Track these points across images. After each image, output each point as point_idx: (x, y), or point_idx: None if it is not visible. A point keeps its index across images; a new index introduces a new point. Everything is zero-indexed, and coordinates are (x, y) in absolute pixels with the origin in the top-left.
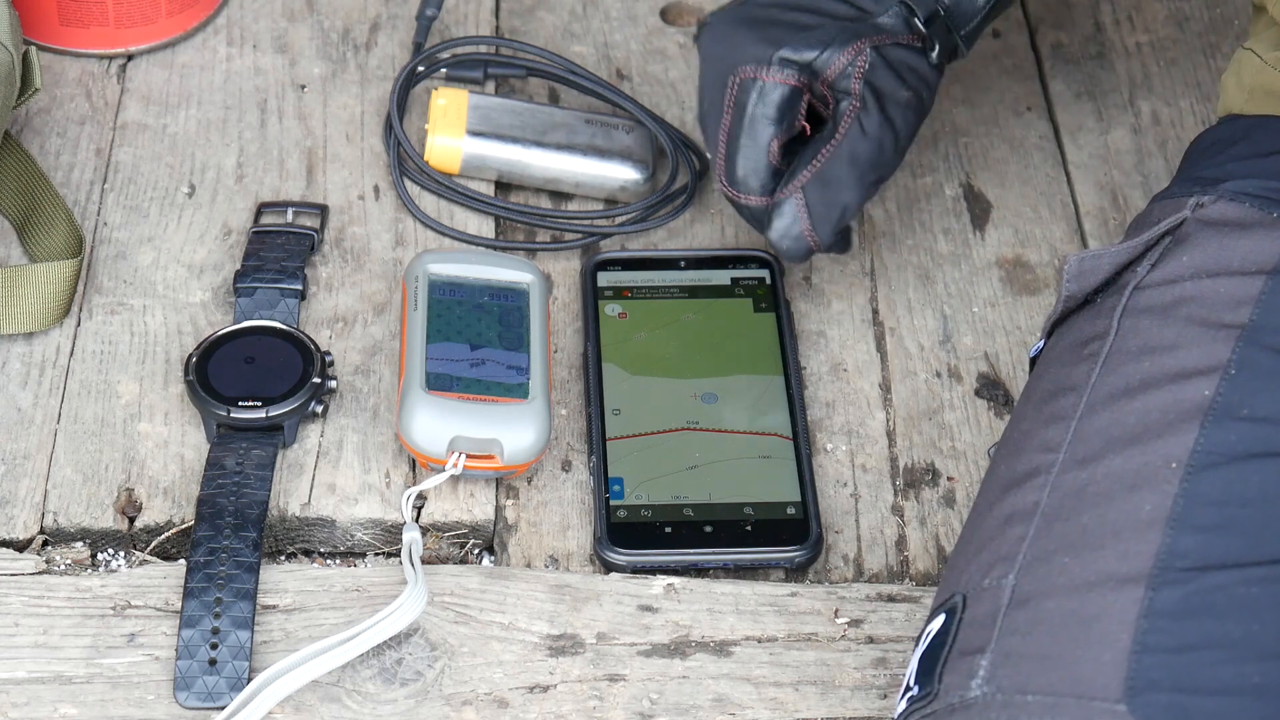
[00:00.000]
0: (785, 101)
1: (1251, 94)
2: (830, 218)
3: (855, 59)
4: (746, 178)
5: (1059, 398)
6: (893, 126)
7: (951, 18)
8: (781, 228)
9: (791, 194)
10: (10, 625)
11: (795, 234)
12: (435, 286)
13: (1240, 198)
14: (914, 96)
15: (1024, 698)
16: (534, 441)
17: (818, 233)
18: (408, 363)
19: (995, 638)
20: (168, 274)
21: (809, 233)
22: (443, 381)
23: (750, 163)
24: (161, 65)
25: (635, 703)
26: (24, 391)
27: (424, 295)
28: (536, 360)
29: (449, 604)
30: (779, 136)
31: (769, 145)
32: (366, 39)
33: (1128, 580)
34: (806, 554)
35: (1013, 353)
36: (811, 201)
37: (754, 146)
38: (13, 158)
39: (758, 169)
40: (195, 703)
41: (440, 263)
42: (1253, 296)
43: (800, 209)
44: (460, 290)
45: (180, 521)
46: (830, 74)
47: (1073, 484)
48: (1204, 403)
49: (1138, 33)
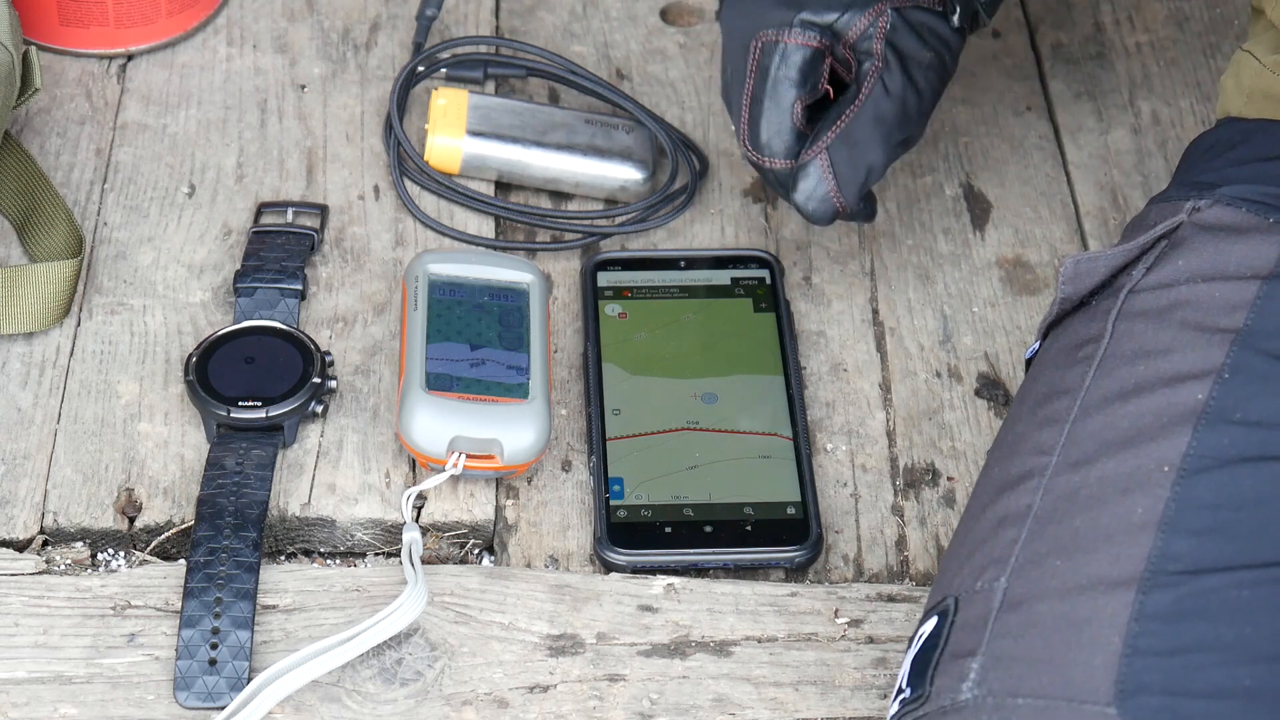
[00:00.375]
0: (807, 63)
1: (1250, 97)
2: (856, 179)
3: (876, 20)
4: (770, 141)
5: (1053, 400)
6: (915, 87)
7: None
8: (807, 189)
9: (816, 155)
10: (10, 625)
11: (821, 195)
12: (435, 286)
13: (1237, 202)
14: (936, 58)
15: (1015, 701)
16: (534, 442)
17: (843, 194)
18: (408, 362)
19: (987, 640)
20: (168, 274)
21: (835, 194)
22: (443, 381)
23: (774, 125)
24: (161, 65)
25: (635, 703)
26: (24, 391)
27: (424, 295)
28: (536, 360)
29: (449, 604)
30: (802, 98)
31: (792, 107)
32: (366, 39)
33: (1119, 583)
34: (806, 554)
35: (1013, 353)
36: (837, 162)
37: (777, 109)
38: (13, 158)
39: (781, 131)
40: (195, 703)
41: (440, 263)
42: (1248, 301)
43: (825, 170)
44: (460, 290)
45: (180, 521)
46: (852, 35)
47: (1066, 487)
48: (1197, 406)
49: (1138, 33)
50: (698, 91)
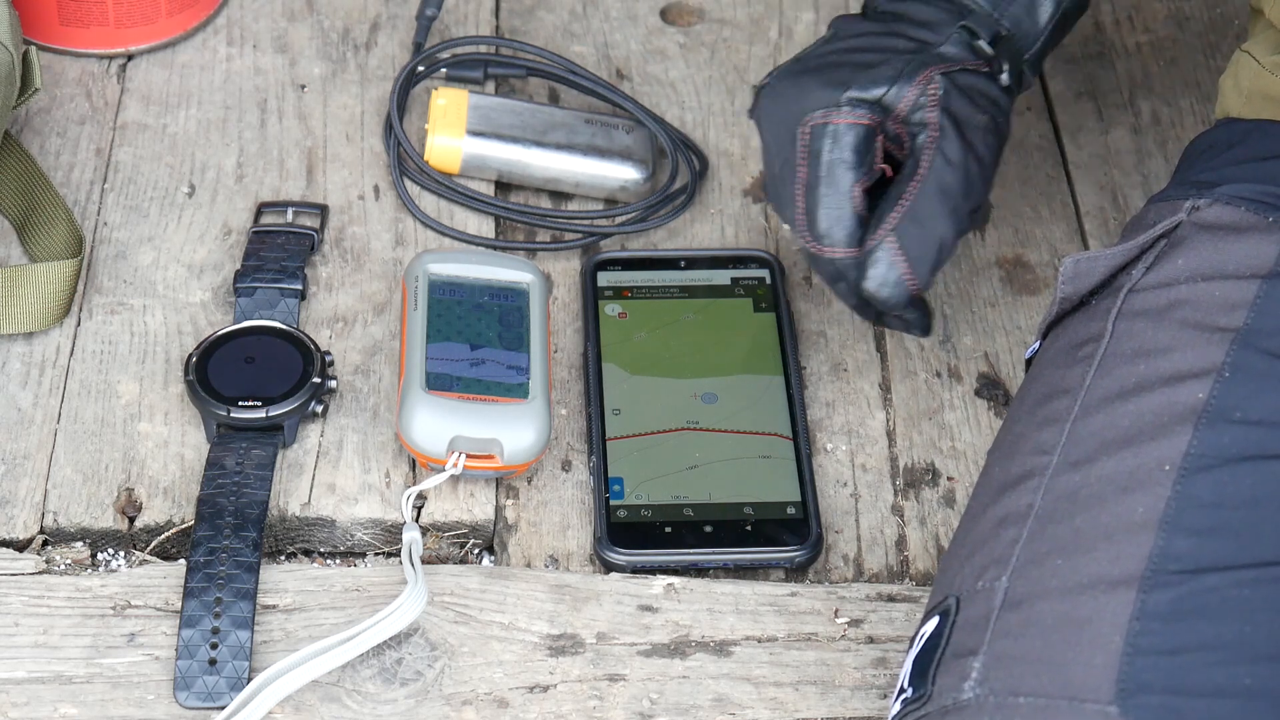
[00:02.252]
0: (861, 142)
1: (1249, 98)
2: (928, 256)
3: (926, 88)
4: (831, 229)
5: (1053, 400)
6: (975, 153)
7: (1014, 40)
8: (879, 276)
9: (883, 238)
10: (10, 625)
11: (894, 280)
12: (435, 286)
13: (1236, 201)
14: (990, 120)
15: (1016, 700)
16: (534, 441)
17: (917, 274)
18: (407, 362)
19: (988, 640)
20: (168, 274)
21: (908, 276)
22: (443, 381)
23: (834, 212)
24: (161, 65)
25: (635, 703)
26: (24, 391)
27: (424, 295)
28: (536, 360)
29: (449, 604)
30: (861, 180)
31: (851, 191)
32: (366, 39)
33: (1120, 582)
34: (806, 554)
35: (1012, 352)
36: (906, 242)
37: (836, 194)
38: (13, 158)
39: (843, 218)
40: (195, 703)
41: (440, 263)
42: (1247, 301)
43: (895, 252)
44: (460, 290)
45: (180, 521)
46: (903, 109)
47: (1066, 486)
48: (1198, 406)
49: (1138, 33)
50: (698, 91)
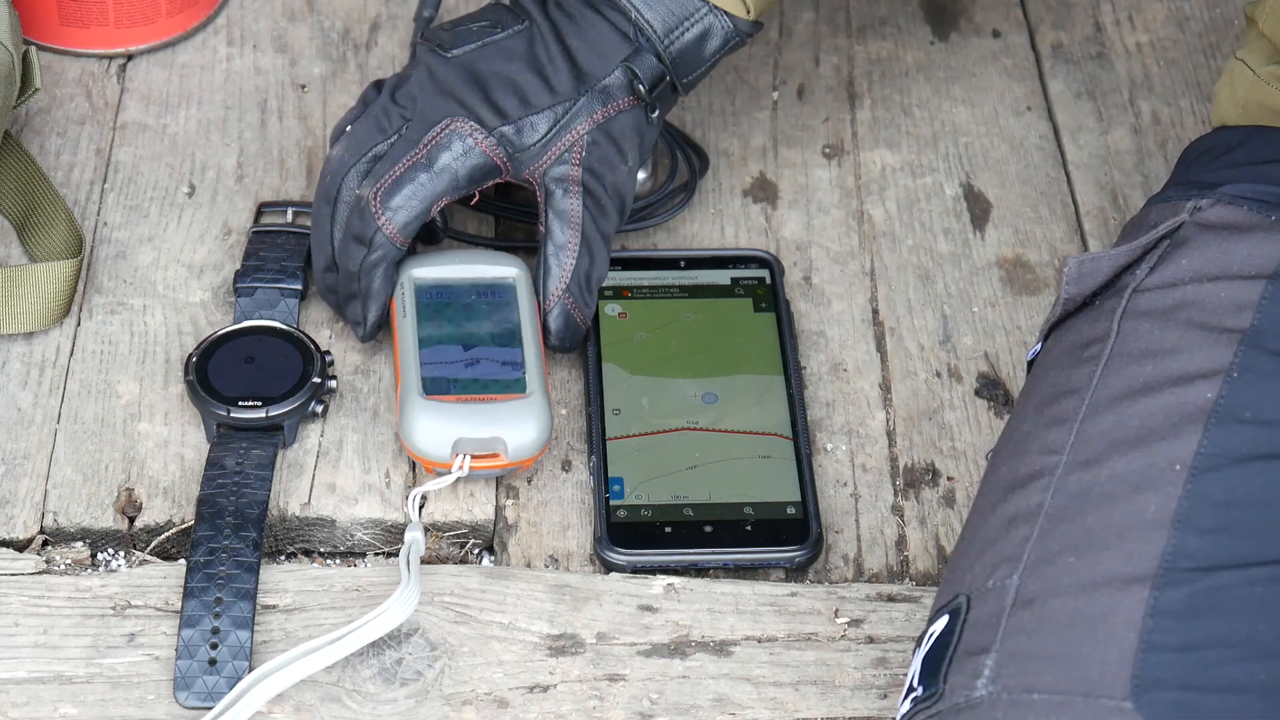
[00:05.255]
0: (481, 173)
1: (1245, 107)
2: (593, 298)
3: (572, 147)
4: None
5: (1060, 400)
6: (618, 200)
7: (677, 67)
8: (560, 330)
9: (560, 298)
10: (10, 625)
11: (575, 328)
12: (421, 291)
13: (1238, 201)
14: (634, 159)
15: (1030, 696)
16: (537, 436)
17: (585, 315)
18: (403, 370)
19: (1000, 637)
20: (168, 274)
21: (581, 321)
22: (439, 385)
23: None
24: (161, 65)
25: (635, 703)
26: (24, 391)
27: (411, 302)
28: (530, 353)
29: (449, 604)
30: (450, 197)
31: (440, 199)
32: (366, 39)
33: (1133, 580)
34: (806, 554)
35: (1013, 353)
36: (577, 298)
37: (427, 190)
38: (13, 158)
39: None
40: (195, 702)
41: (423, 267)
42: (1253, 301)
43: (571, 307)
44: (447, 292)
45: (180, 521)
46: (547, 160)
47: (1077, 485)
48: (1207, 406)
49: (1138, 33)
50: (698, 91)
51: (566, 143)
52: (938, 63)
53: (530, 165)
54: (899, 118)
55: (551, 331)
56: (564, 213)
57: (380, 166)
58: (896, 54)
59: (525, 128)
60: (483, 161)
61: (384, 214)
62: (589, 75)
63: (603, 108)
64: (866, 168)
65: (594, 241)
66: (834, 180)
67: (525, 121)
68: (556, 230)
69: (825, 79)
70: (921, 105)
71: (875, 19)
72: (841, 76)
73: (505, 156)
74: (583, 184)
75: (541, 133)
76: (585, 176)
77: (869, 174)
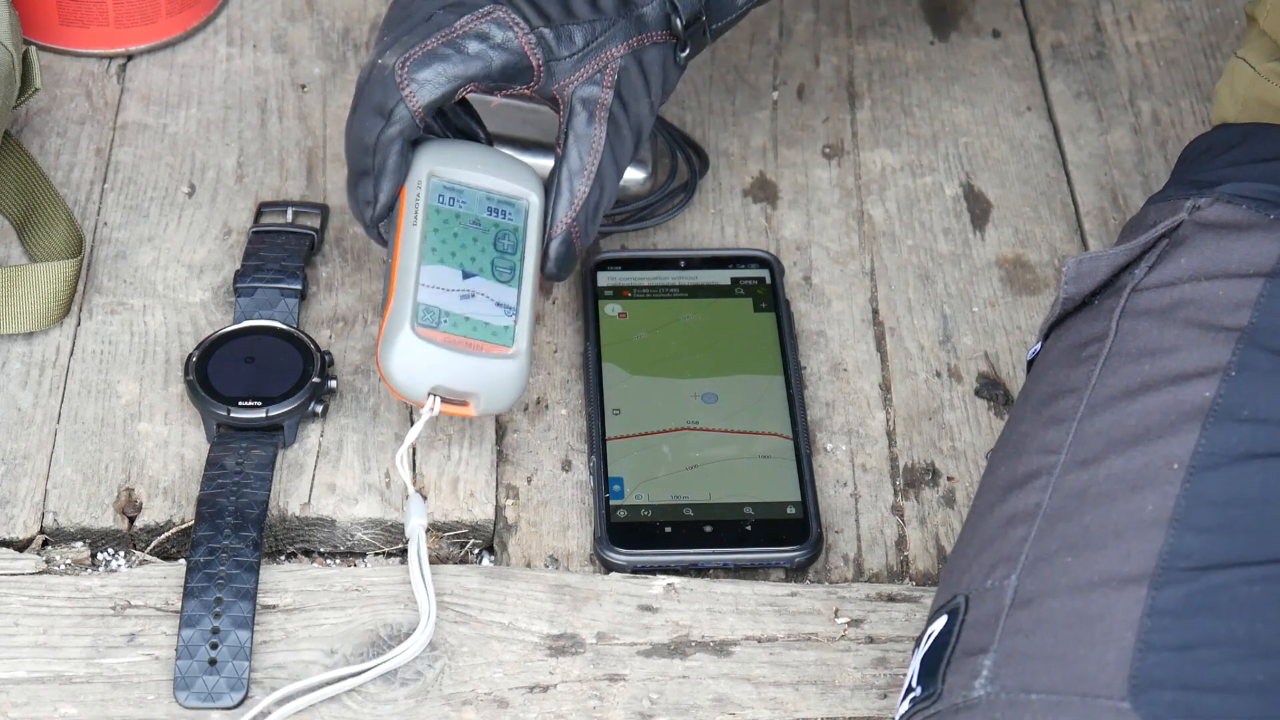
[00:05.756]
0: (510, 69)
1: (1245, 105)
2: (595, 227)
3: (605, 68)
4: (425, 85)
5: (1059, 400)
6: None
7: (711, 10)
8: (560, 255)
9: (568, 226)
10: (10, 625)
11: (574, 257)
12: (437, 192)
13: (1237, 200)
14: (659, 93)
15: (1028, 696)
16: (512, 398)
17: (585, 242)
18: (399, 286)
19: (998, 637)
20: (168, 274)
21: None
22: (431, 316)
23: (442, 79)
24: (161, 65)
25: (635, 703)
26: (24, 391)
27: (424, 207)
28: (526, 298)
29: (449, 604)
30: (475, 86)
31: (466, 85)
32: (366, 39)
33: (1131, 580)
34: (806, 554)
35: (1013, 353)
36: (583, 227)
37: (457, 70)
38: (13, 158)
39: (442, 88)
40: (195, 702)
41: (445, 164)
42: (1251, 300)
43: (576, 236)
44: (461, 198)
45: (180, 521)
46: (580, 76)
47: (1075, 485)
48: (1205, 404)
49: (1138, 33)
50: (697, 91)
51: (600, 63)
52: (938, 63)
53: (561, 79)
54: (899, 118)
55: (551, 259)
56: (585, 137)
57: (410, 38)
58: (896, 54)
59: (564, 36)
60: (518, 58)
61: (409, 85)
62: (630, 2)
63: (638, 35)
64: (866, 168)
65: (607, 172)
66: (834, 180)
67: (565, 30)
68: (574, 154)
69: (825, 79)
70: (921, 105)
71: (875, 19)
72: (841, 76)
73: (541, 60)
74: (610, 110)
75: (578, 46)
76: (614, 103)
77: (869, 174)
